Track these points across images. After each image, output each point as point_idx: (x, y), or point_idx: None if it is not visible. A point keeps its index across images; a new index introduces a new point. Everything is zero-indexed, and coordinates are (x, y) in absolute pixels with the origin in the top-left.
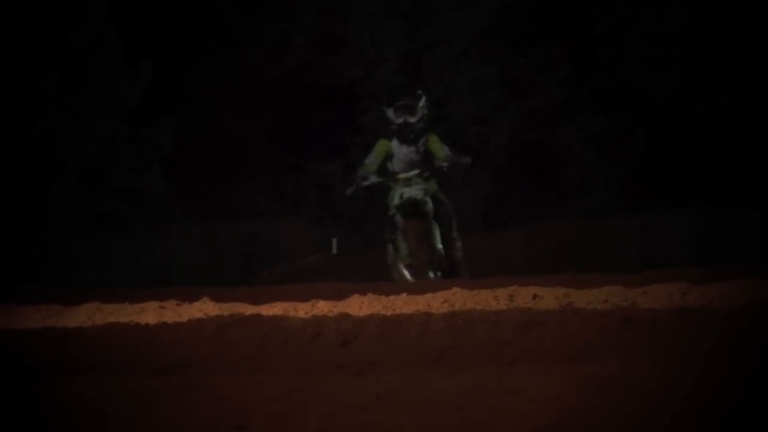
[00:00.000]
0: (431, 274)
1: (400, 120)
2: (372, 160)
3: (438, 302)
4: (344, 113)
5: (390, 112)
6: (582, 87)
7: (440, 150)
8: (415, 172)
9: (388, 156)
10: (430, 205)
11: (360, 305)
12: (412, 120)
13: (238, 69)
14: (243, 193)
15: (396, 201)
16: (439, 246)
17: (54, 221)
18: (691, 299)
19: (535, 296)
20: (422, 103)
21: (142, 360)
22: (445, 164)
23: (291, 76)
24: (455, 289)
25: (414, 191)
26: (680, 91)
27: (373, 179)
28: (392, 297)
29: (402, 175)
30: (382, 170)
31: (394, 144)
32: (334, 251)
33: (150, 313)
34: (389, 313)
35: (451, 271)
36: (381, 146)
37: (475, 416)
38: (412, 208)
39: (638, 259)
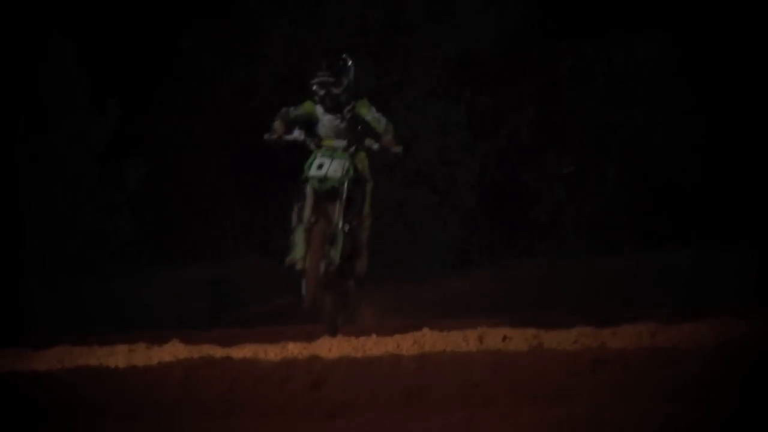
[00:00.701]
0: (321, 284)
1: (323, 92)
2: (294, 110)
3: (408, 343)
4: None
5: (314, 86)
6: (550, 125)
7: (371, 116)
8: (342, 143)
9: (312, 118)
10: (344, 191)
11: (330, 347)
12: (336, 92)
13: (204, 109)
14: (212, 235)
15: (313, 170)
16: (338, 260)
17: (22, 264)
18: (660, 339)
19: (504, 337)
20: (347, 72)
21: (111, 404)
22: (376, 146)
23: (258, 115)
24: (425, 330)
25: (334, 167)
26: (647, 129)
27: (298, 134)
28: (362, 338)
29: (327, 142)
30: (308, 129)
31: (319, 110)
32: (304, 292)
33: (119, 356)
34: (359, 354)
35: (348, 261)
36: (306, 106)
37: None
38: (325, 186)
39: (607, 298)
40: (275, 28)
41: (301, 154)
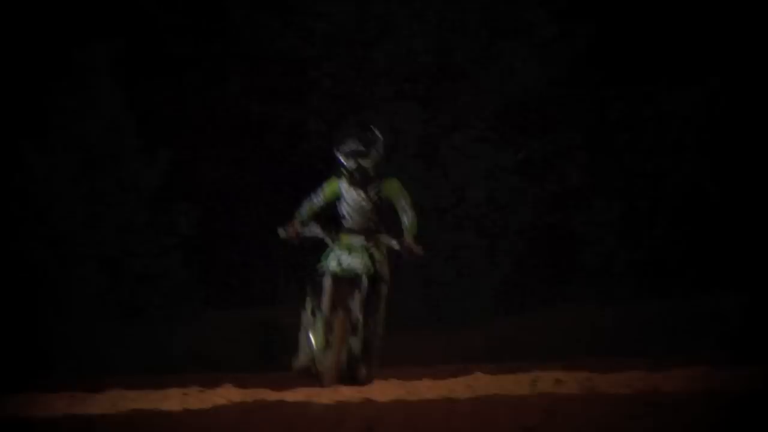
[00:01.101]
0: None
1: (351, 164)
2: (318, 201)
3: (460, 387)
4: None
5: (341, 156)
6: (599, 170)
7: (399, 201)
8: (360, 240)
9: (337, 198)
10: (364, 282)
11: (383, 390)
12: (365, 164)
13: (253, 155)
14: (262, 280)
15: (332, 264)
16: (360, 353)
17: (73, 308)
18: (712, 383)
19: (557, 381)
20: (376, 145)
21: None
22: (396, 247)
23: (306, 161)
24: (477, 373)
25: (353, 261)
26: (696, 175)
27: (315, 230)
28: (415, 382)
29: (345, 237)
30: (326, 217)
31: (343, 186)
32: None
33: (173, 400)
34: (412, 398)
35: (357, 358)
36: (330, 187)
37: None
38: (346, 274)
39: (660, 343)
40: (324, 76)
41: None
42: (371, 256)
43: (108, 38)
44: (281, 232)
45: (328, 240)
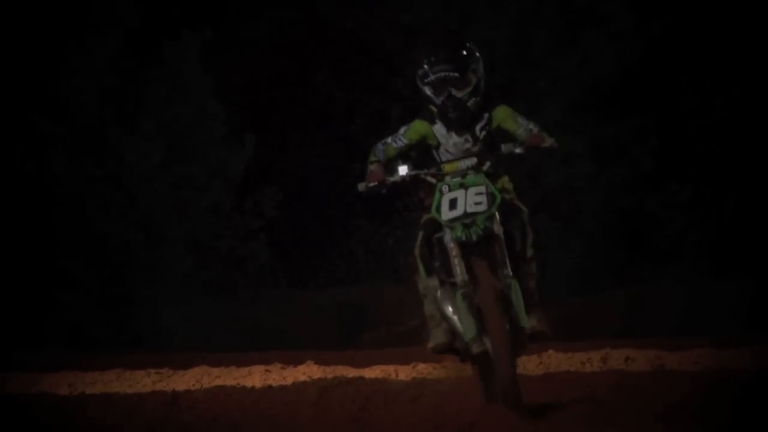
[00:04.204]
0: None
1: (442, 97)
2: (399, 143)
3: (534, 364)
4: None
5: (426, 88)
6: (670, 156)
7: (516, 126)
8: (472, 161)
9: (428, 144)
10: (499, 225)
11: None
12: (460, 95)
13: (337, 141)
14: (343, 261)
15: (446, 212)
16: (527, 323)
17: (162, 287)
18: None
19: (627, 358)
20: (474, 64)
21: (248, 422)
22: (519, 149)
23: None
24: (550, 351)
25: (473, 198)
26: (764, 161)
27: (405, 171)
28: None
29: (450, 166)
30: (416, 160)
31: (438, 129)
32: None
33: (255, 376)
34: None
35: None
36: (416, 128)
37: None
38: (474, 232)
39: (729, 323)
40: (408, 65)
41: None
42: (492, 177)
43: (196, 29)
44: (361, 186)
45: (427, 177)
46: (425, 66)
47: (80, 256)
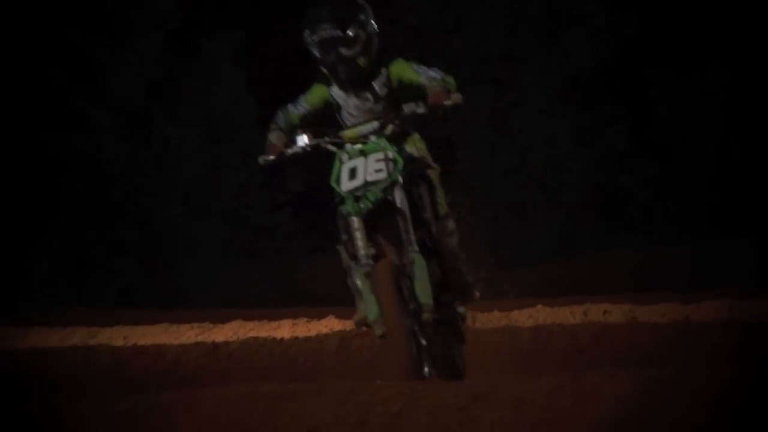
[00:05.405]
0: (416, 343)
1: (331, 58)
2: (300, 108)
3: (524, 317)
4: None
5: (313, 49)
6: (640, 137)
7: (416, 75)
8: (373, 126)
9: (328, 106)
10: (401, 195)
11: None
12: (349, 54)
13: None
14: None
15: (345, 182)
16: (431, 301)
17: (202, 253)
18: (736, 313)
19: (605, 312)
20: (361, 19)
21: (278, 368)
22: (422, 109)
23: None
24: (538, 306)
25: (373, 165)
26: (721, 140)
27: (302, 142)
28: (486, 313)
29: (350, 132)
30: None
31: (336, 92)
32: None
33: (284, 329)
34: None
35: (446, 286)
36: (316, 92)
37: (556, 413)
38: (370, 202)
39: (693, 280)
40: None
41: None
42: (397, 140)
43: (230, 29)
44: (260, 160)
45: (327, 146)
46: (309, 26)
47: (131, 227)
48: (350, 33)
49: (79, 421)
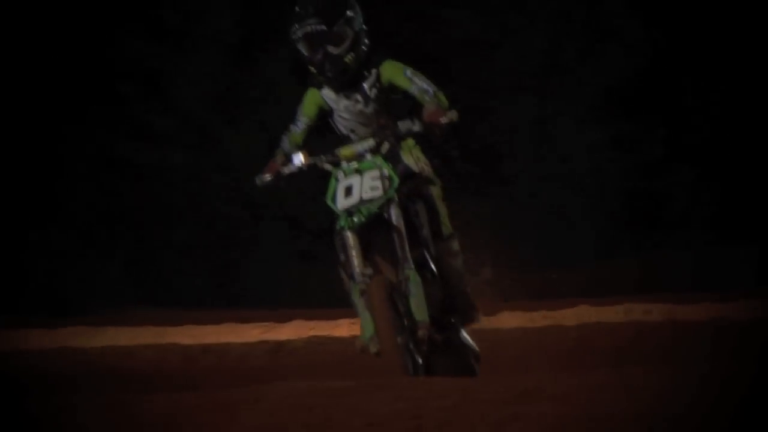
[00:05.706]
0: (413, 362)
1: (318, 55)
2: (299, 125)
3: (569, 316)
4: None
5: (299, 46)
6: (676, 144)
7: (408, 83)
8: (369, 144)
9: (323, 112)
10: (396, 212)
11: (507, 318)
12: (336, 51)
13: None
14: None
15: (341, 200)
16: (426, 318)
17: (263, 255)
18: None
19: (646, 311)
20: (349, 16)
21: (337, 365)
22: (417, 127)
23: (441, 147)
24: (583, 305)
25: (369, 183)
26: (754, 146)
27: (298, 161)
28: (533, 313)
29: (346, 151)
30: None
31: (327, 94)
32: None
33: (343, 328)
34: (531, 325)
35: (447, 309)
36: (310, 99)
37: (601, 407)
38: (363, 217)
39: (730, 281)
40: (458, 72)
41: None
42: (394, 157)
43: (288, 44)
44: (257, 180)
45: (323, 165)
46: (295, 22)
47: (196, 231)
48: (336, 29)
49: (150, 415)
